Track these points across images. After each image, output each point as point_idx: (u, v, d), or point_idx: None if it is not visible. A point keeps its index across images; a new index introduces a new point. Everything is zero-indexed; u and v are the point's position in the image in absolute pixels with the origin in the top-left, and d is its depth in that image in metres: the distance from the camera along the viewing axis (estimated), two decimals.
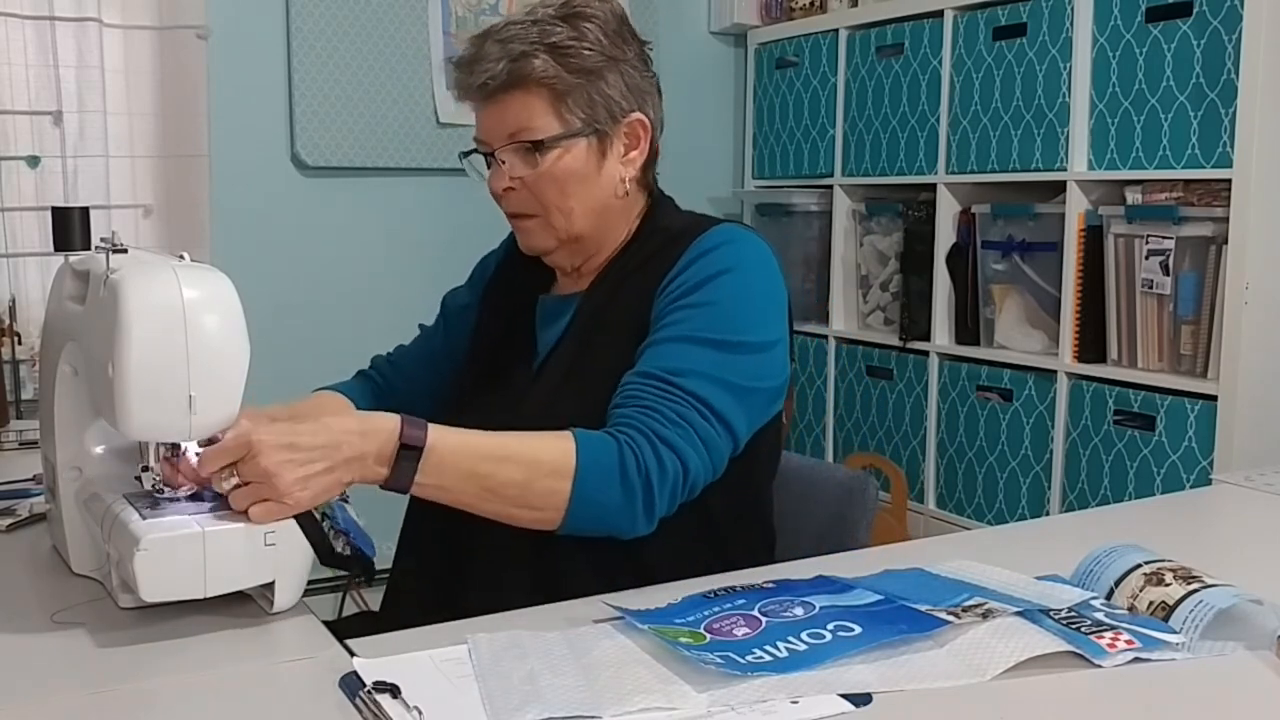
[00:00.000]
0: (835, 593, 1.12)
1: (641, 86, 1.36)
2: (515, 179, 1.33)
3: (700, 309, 1.27)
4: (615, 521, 1.19)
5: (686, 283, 1.29)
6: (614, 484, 1.17)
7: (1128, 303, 2.38)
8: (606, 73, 1.32)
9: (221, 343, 1.08)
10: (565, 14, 1.32)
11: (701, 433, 1.22)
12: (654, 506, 1.19)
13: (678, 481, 1.20)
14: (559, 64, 1.30)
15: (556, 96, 1.30)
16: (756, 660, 0.96)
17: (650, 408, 1.21)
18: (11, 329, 2.19)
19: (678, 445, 1.20)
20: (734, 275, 1.29)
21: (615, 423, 1.22)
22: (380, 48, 2.90)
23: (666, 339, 1.26)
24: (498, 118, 1.32)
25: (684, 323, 1.26)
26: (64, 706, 0.93)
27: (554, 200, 1.33)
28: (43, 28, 2.53)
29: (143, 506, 1.12)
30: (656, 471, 1.18)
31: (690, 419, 1.21)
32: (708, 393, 1.23)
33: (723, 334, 1.26)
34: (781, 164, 3.28)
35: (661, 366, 1.24)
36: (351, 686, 0.94)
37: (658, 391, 1.22)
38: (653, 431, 1.19)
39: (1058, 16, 2.48)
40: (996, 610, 1.05)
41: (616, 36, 1.34)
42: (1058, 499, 2.53)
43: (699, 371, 1.23)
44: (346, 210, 2.95)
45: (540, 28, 1.31)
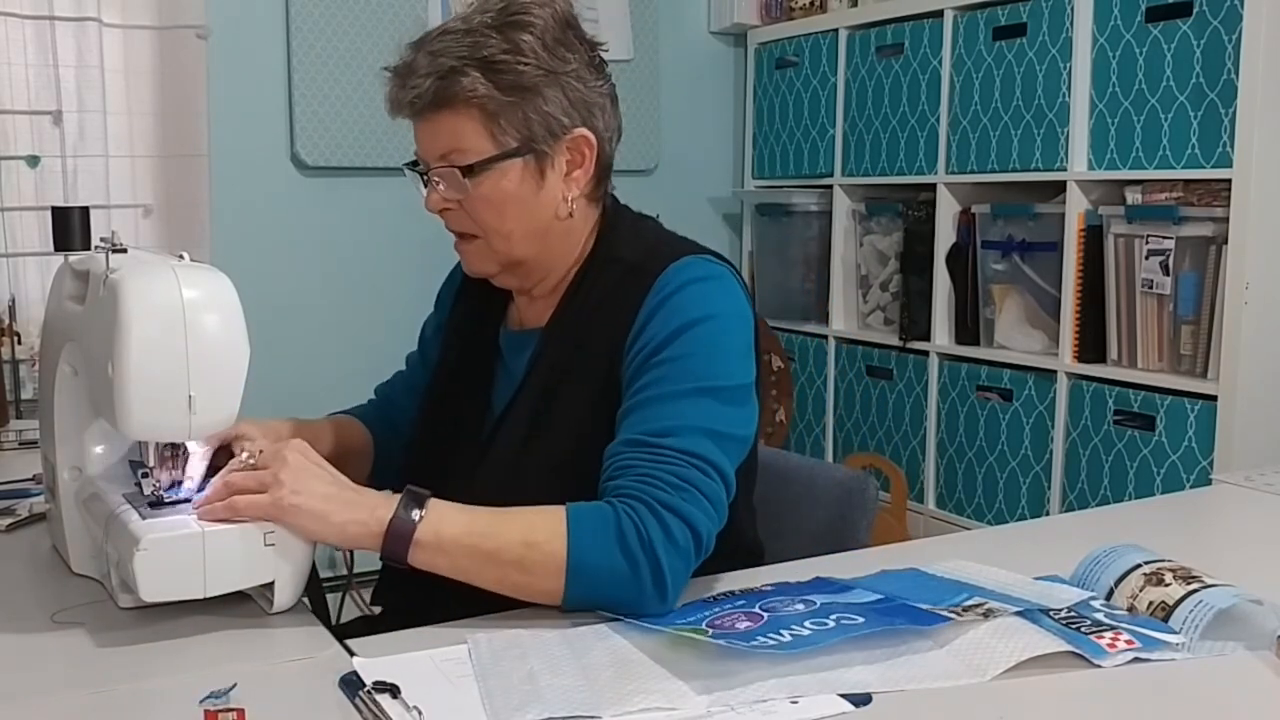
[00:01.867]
0: (835, 592, 1.12)
1: (587, 98, 1.25)
2: (450, 200, 1.25)
3: (675, 363, 1.19)
4: (621, 594, 1.09)
5: (656, 336, 1.21)
6: (612, 549, 1.08)
7: (1128, 303, 2.38)
8: (544, 88, 1.22)
9: (221, 343, 1.08)
10: (501, 22, 1.22)
11: (705, 490, 1.14)
12: (663, 578, 1.09)
13: (690, 550, 1.11)
14: (490, 80, 1.20)
15: (488, 116, 1.21)
16: (761, 644, 0.96)
17: (647, 475, 1.13)
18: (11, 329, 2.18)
19: (684, 511, 1.11)
20: (705, 325, 1.21)
21: (611, 495, 1.14)
22: (380, 48, 2.90)
23: (647, 400, 1.18)
24: (430, 136, 1.24)
25: (662, 381, 1.18)
26: (64, 706, 0.93)
27: (491, 223, 1.25)
28: (42, 27, 2.53)
29: (142, 506, 1.12)
30: (662, 541, 1.09)
31: (692, 479, 1.13)
32: (700, 447, 1.15)
33: (701, 382, 1.18)
34: (781, 164, 3.28)
35: (648, 430, 1.16)
36: (351, 686, 0.94)
37: (650, 457, 1.14)
38: (655, 499, 1.11)
39: (1058, 16, 2.48)
40: (997, 610, 1.05)
41: (558, 45, 1.23)
42: (1058, 499, 2.53)
43: (687, 427, 1.15)
44: (346, 210, 2.94)
45: (473, 39, 1.21)
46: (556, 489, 1.15)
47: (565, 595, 1.10)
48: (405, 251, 3.00)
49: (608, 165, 1.31)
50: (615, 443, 1.17)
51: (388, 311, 2.97)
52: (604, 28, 3.10)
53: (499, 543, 1.09)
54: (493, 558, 1.09)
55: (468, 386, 1.38)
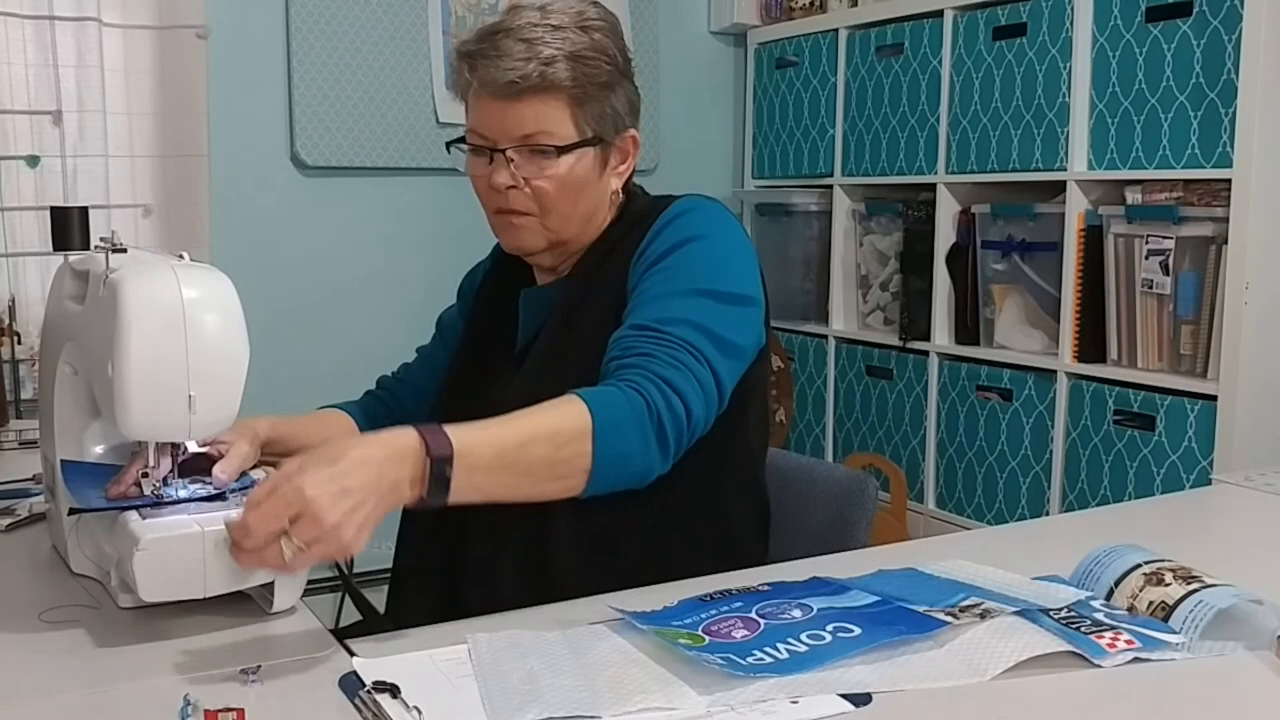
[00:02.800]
0: (831, 594, 1.12)
1: (636, 102, 1.41)
2: (521, 179, 1.33)
3: (674, 268, 1.31)
4: (636, 468, 1.20)
5: (658, 249, 1.33)
6: (630, 432, 1.18)
7: (1128, 303, 2.38)
8: (617, 87, 1.36)
9: (221, 342, 1.08)
10: (581, 24, 1.34)
11: (698, 375, 1.24)
12: (668, 446, 1.21)
13: (683, 422, 1.22)
14: (582, 73, 1.32)
15: (577, 105, 1.32)
16: (757, 662, 0.96)
17: (647, 354, 1.23)
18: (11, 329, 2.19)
19: (680, 386, 1.22)
20: (704, 241, 1.33)
21: (616, 373, 1.23)
22: (380, 48, 2.90)
23: (649, 298, 1.29)
24: (515, 117, 1.31)
25: (664, 281, 1.30)
26: (64, 706, 0.93)
27: (557, 204, 1.34)
28: (42, 27, 2.53)
29: (142, 506, 1.12)
30: (667, 412, 1.20)
31: (686, 362, 1.24)
32: (695, 338, 1.26)
33: (701, 284, 1.29)
34: (781, 164, 3.28)
35: (649, 317, 1.27)
36: (351, 686, 0.94)
37: (651, 339, 1.25)
38: (656, 374, 1.21)
39: (1058, 16, 2.48)
40: (994, 610, 1.05)
41: (620, 54, 1.38)
42: (1058, 499, 2.53)
43: (684, 319, 1.26)
44: (346, 210, 2.94)
45: (562, 34, 1.31)
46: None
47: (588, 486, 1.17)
48: (405, 251, 3.01)
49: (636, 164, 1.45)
50: (619, 329, 1.28)
51: (387, 311, 2.98)
52: None
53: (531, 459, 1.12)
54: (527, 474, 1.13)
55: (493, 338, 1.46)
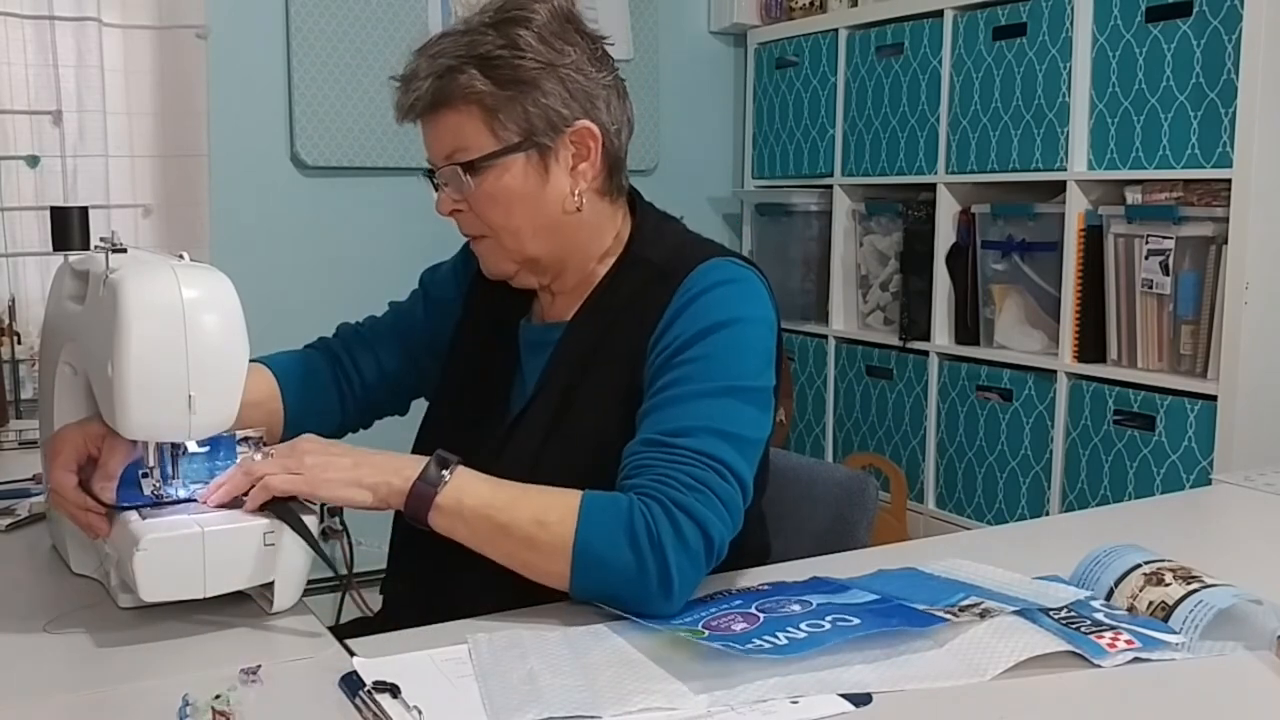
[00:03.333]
0: (831, 592, 1.12)
1: (589, 90, 1.24)
2: (458, 201, 1.26)
3: (697, 363, 1.19)
4: (626, 588, 1.09)
5: (681, 336, 1.20)
6: (620, 541, 1.08)
7: (1128, 303, 2.38)
8: (542, 81, 1.21)
9: (221, 342, 1.08)
10: (499, 20, 1.23)
11: (721, 493, 1.13)
12: (669, 578, 1.08)
13: (700, 553, 1.10)
14: (487, 76, 1.20)
15: (487, 112, 1.21)
16: (756, 648, 0.96)
17: (663, 475, 1.12)
18: (11, 329, 2.19)
19: (698, 513, 1.10)
20: (730, 329, 1.21)
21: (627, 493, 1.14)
22: (380, 48, 2.90)
23: (667, 400, 1.18)
24: (434, 137, 1.25)
25: (683, 381, 1.18)
26: (64, 706, 0.93)
27: (498, 221, 1.25)
28: (42, 27, 2.53)
29: (143, 506, 1.12)
30: (672, 540, 1.08)
31: (707, 481, 1.12)
32: (716, 449, 1.14)
33: (722, 382, 1.18)
34: (781, 164, 3.28)
35: (665, 430, 1.15)
36: (351, 686, 0.94)
37: (666, 457, 1.13)
38: (669, 499, 1.10)
39: (1058, 16, 2.48)
40: (994, 609, 1.05)
41: (556, 39, 1.23)
42: (1058, 499, 2.53)
43: (704, 428, 1.15)
44: (346, 210, 2.94)
45: (470, 38, 1.22)
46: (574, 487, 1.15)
47: (571, 581, 1.11)
48: (405, 251, 3.00)
49: (617, 157, 1.29)
50: (633, 442, 1.17)
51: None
52: (604, 28, 3.08)
53: (512, 517, 1.11)
54: (505, 531, 1.11)
55: (486, 381, 1.38)
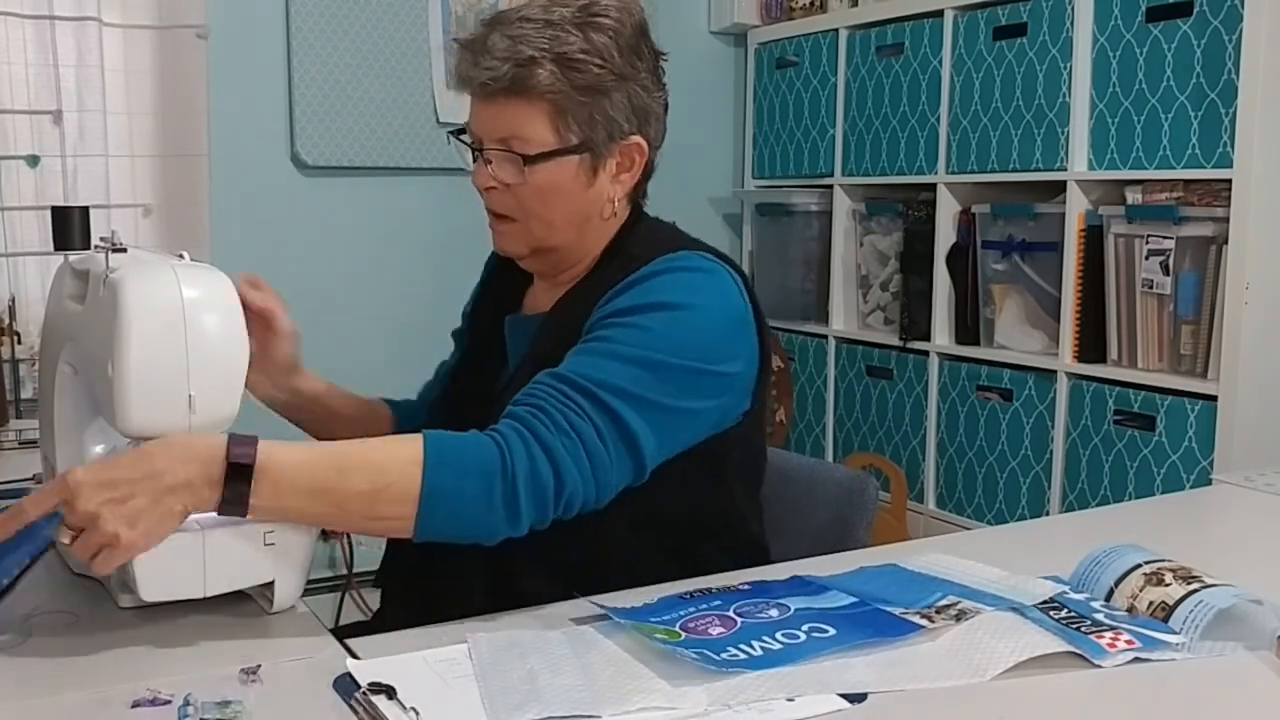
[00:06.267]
0: (810, 594, 1.12)
1: (647, 106, 1.29)
2: (499, 182, 1.27)
3: (631, 329, 1.19)
4: (473, 517, 1.08)
5: (623, 304, 1.22)
6: (469, 474, 1.07)
7: (1128, 303, 2.38)
8: (613, 92, 1.25)
9: (221, 342, 1.08)
10: (582, 20, 1.24)
11: (590, 448, 1.12)
12: (518, 507, 1.08)
13: (548, 491, 1.10)
14: (566, 77, 1.22)
15: (557, 111, 1.23)
16: (731, 658, 0.96)
17: (542, 409, 1.13)
18: (11, 328, 2.18)
19: (556, 454, 1.10)
20: (675, 311, 1.21)
21: (502, 417, 1.14)
22: (380, 48, 2.90)
23: (590, 350, 1.18)
24: (492, 118, 1.26)
25: (613, 340, 1.18)
26: (64, 706, 0.93)
27: (536, 210, 1.28)
28: (42, 27, 2.53)
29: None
30: (525, 472, 1.08)
31: (582, 432, 1.12)
32: (617, 408, 1.14)
33: (652, 353, 1.17)
34: (781, 164, 3.28)
35: (575, 371, 1.16)
36: (346, 688, 0.94)
37: (558, 396, 1.14)
38: (532, 433, 1.11)
39: (1058, 16, 2.48)
40: (970, 610, 1.06)
41: (631, 53, 1.26)
42: (1058, 499, 2.53)
43: (613, 386, 1.15)
44: (346, 210, 2.94)
45: (553, 32, 1.23)
46: None
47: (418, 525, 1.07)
48: (405, 251, 3.01)
49: (650, 171, 1.34)
50: (543, 372, 1.17)
51: (387, 311, 2.98)
52: None
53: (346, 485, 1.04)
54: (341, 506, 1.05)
55: (476, 371, 1.40)
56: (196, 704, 0.90)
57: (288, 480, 1.03)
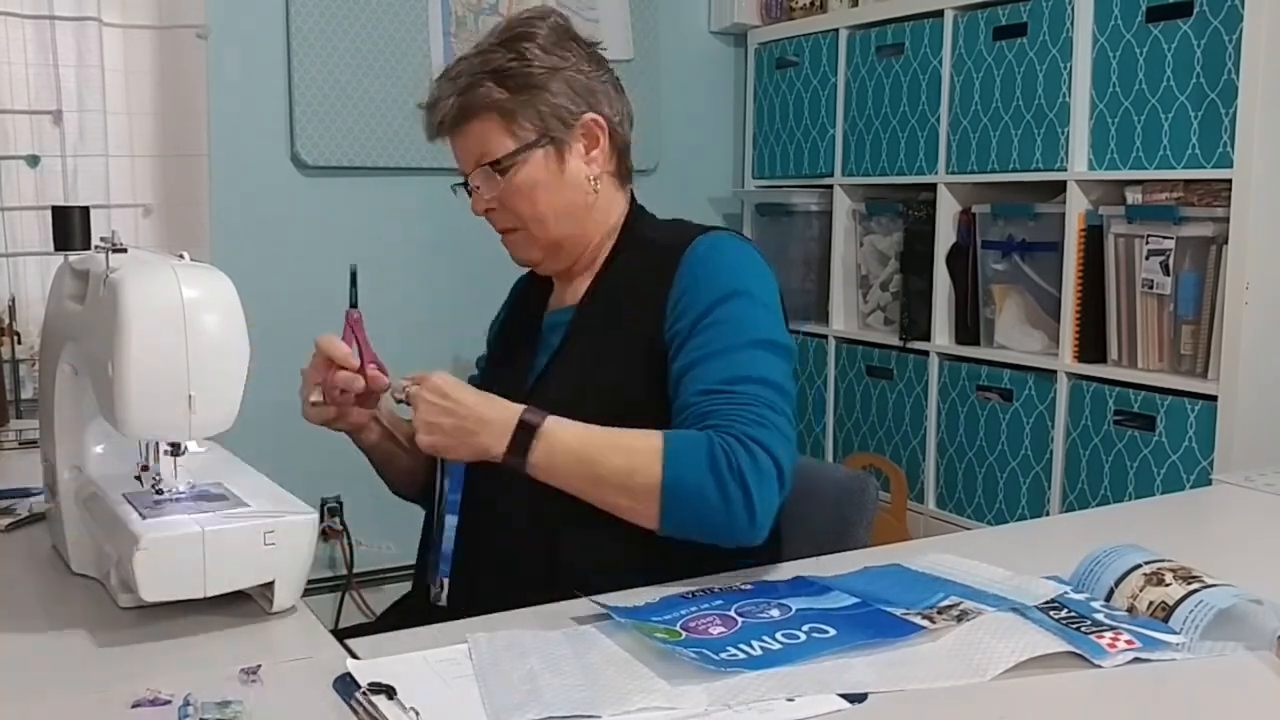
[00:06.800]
0: (812, 595, 1.12)
1: (591, 87, 1.40)
2: (490, 199, 1.40)
3: (724, 324, 1.29)
4: (715, 519, 1.18)
5: (700, 302, 1.31)
6: (705, 475, 1.17)
7: (1128, 303, 2.38)
8: (550, 83, 1.37)
9: (221, 342, 1.08)
10: (505, 38, 1.39)
11: (781, 426, 1.23)
12: (754, 507, 1.18)
13: (773, 478, 1.20)
14: (502, 86, 1.36)
15: (506, 115, 1.36)
16: (730, 658, 0.96)
17: (731, 415, 1.21)
18: (11, 328, 2.19)
19: (769, 443, 1.20)
20: (745, 296, 1.32)
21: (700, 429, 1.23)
22: (380, 48, 2.90)
23: (707, 357, 1.27)
24: (463, 148, 1.41)
25: (715, 340, 1.28)
26: (64, 706, 0.93)
27: (526, 211, 1.39)
28: (42, 27, 2.53)
29: (143, 506, 1.12)
30: (752, 470, 1.18)
31: (768, 416, 1.22)
32: (764, 390, 1.25)
33: (749, 336, 1.28)
34: (781, 164, 3.28)
35: (716, 380, 1.25)
36: (346, 688, 0.94)
37: (727, 401, 1.23)
38: (742, 434, 1.20)
39: (1058, 16, 2.48)
40: (971, 611, 1.06)
41: (556, 47, 1.39)
42: (1058, 499, 2.53)
43: (747, 376, 1.25)
44: (346, 210, 2.94)
45: (483, 57, 1.38)
46: None
47: (661, 519, 1.20)
48: (405, 251, 3.00)
49: (625, 144, 1.45)
50: (686, 394, 1.27)
51: (388, 311, 2.97)
52: (604, 28, 3.10)
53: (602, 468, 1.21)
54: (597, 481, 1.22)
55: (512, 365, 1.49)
56: (196, 704, 0.90)
57: (561, 449, 1.22)
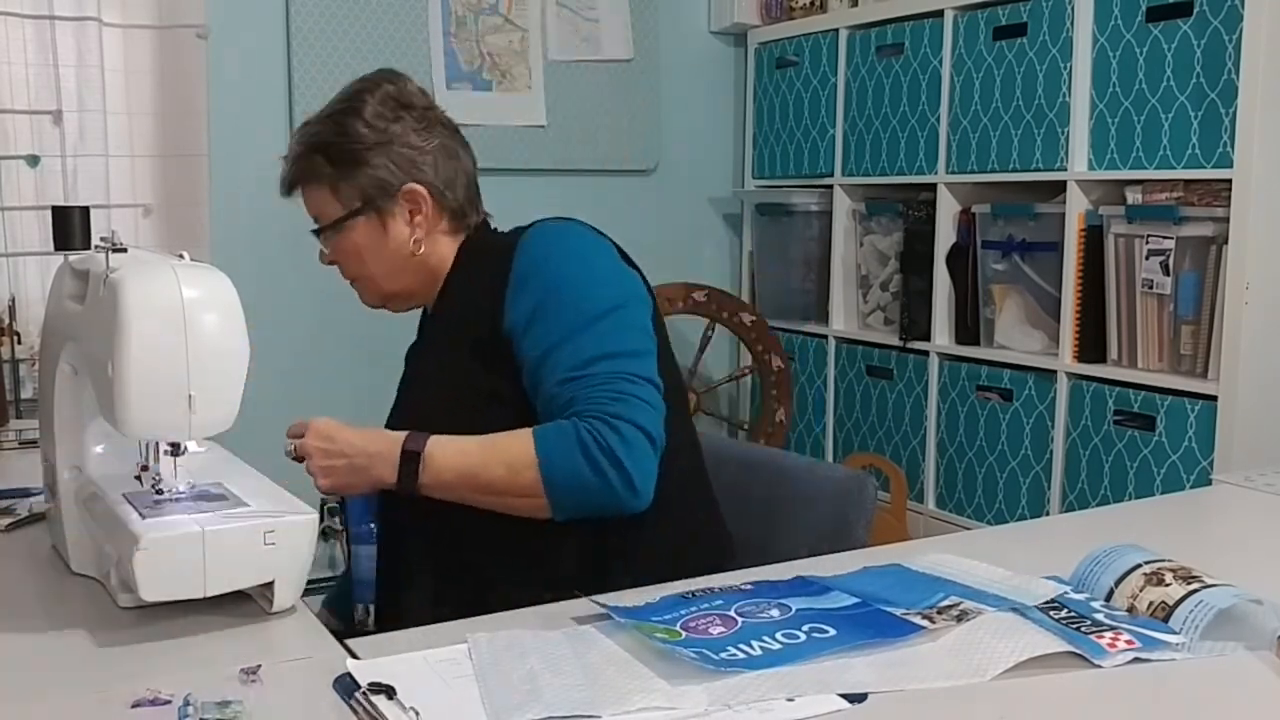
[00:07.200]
0: (813, 595, 1.12)
1: (413, 158, 1.45)
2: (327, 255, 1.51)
3: (560, 310, 1.34)
4: (600, 499, 1.27)
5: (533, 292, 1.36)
6: (579, 462, 1.25)
7: (1128, 303, 2.38)
8: (371, 157, 1.44)
9: (221, 342, 1.08)
10: (335, 110, 1.47)
11: (640, 394, 1.29)
12: (631, 479, 1.26)
13: (644, 446, 1.27)
14: (326, 159, 1.45)
15: (333, 187, 1.46)
16: (730, 657, 0.96)
17: (589, 398, 1.29)
18: (11, 328, 2.19)
19: (629, 414, 1.27)
20: (573, 278, 1.37)
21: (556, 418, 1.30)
22: (380, 48, 2.90)
23: (551, 348, 1.33)
24: (306, 204, 1.52)
25: (556, 327, 1.34)
26: (64, 706, 0.93)
27: (354, 269, 1.50)
28: (42, 27, 2.53)
29: (143, 506, 1.12)
30: (621, 445, 1.25)
31: (624, 389, 1.29)
32: (617, 364, 1.31)
33: (585, 312, 1.34)
34: (781, 164, 3.28)
35: (569, 366, 1.31)
36: (346, 688, 0.94)
37: (583, 385, 1.30)
38: (602, 412, 1.27)
39: (1058, 16, 2.48)
40: (971, 611, 1.06)
41: (381, 120, 1.45)
42: (1058, 499, 2.53)
43: (598, 355, 1.31)
44: None
45: (313, 129, 1.48)
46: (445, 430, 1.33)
47: (551, 509, 1.28)
48: None
49: (453, 206, 1.48)
50: (546, 386, 1.33)
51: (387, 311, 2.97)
52: (604, 28, 3.10)
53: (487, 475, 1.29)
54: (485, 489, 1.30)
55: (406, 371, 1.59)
56: (196, 704, 0.90)
57: (446, 464, 1.30)
